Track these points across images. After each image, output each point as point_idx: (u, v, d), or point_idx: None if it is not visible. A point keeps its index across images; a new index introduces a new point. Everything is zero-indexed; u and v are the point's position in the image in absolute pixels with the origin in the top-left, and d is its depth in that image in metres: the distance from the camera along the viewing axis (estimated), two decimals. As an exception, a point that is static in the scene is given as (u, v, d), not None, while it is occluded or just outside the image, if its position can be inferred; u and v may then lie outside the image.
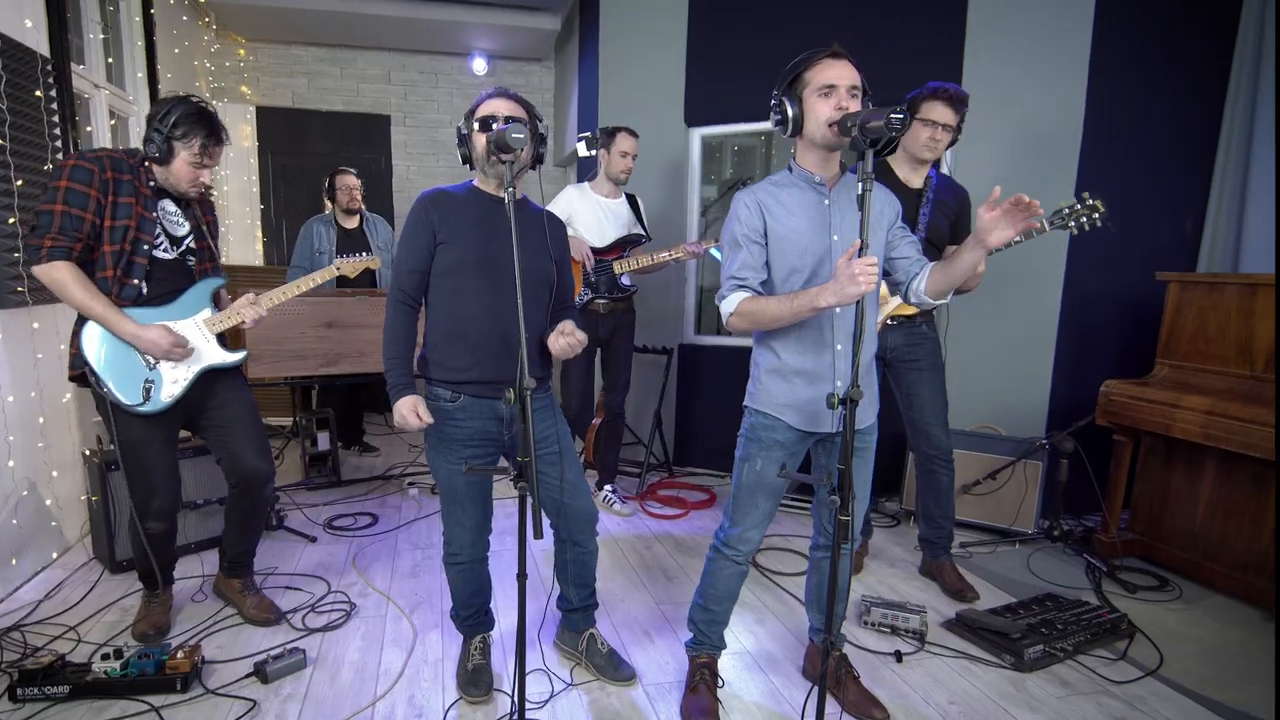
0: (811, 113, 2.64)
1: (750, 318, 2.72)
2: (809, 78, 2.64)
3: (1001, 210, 2.49)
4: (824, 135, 2.61)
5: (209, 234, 3.62)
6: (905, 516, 5.37)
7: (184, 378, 3.40)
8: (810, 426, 2.83)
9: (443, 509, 3.16)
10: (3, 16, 3.94)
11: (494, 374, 2.93)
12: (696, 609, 3.19)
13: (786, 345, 2.80)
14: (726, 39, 6.14)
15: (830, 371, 2.78)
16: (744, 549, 3.00)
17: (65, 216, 3.07)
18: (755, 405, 2.91)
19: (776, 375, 2.84)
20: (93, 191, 3.12)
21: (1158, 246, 5.29)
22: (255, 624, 3.73)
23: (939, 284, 2.74)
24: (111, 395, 3.23)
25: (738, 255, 2.76)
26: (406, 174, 8.99)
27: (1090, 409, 4.70)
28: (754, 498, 2.92)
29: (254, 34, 8.28)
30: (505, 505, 4.93)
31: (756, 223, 2.75)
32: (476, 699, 3.15)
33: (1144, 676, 3.40)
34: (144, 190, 3.28)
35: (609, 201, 5.24)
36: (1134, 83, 5.13)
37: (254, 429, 3.66)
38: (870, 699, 3.08)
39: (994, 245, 2.55)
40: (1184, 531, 4.53)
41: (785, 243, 2.74)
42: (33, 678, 3.01)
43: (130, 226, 3.23)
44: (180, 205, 3.48)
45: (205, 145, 3.26)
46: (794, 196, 2.77)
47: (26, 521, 4.09)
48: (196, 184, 3.36)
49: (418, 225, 2.94)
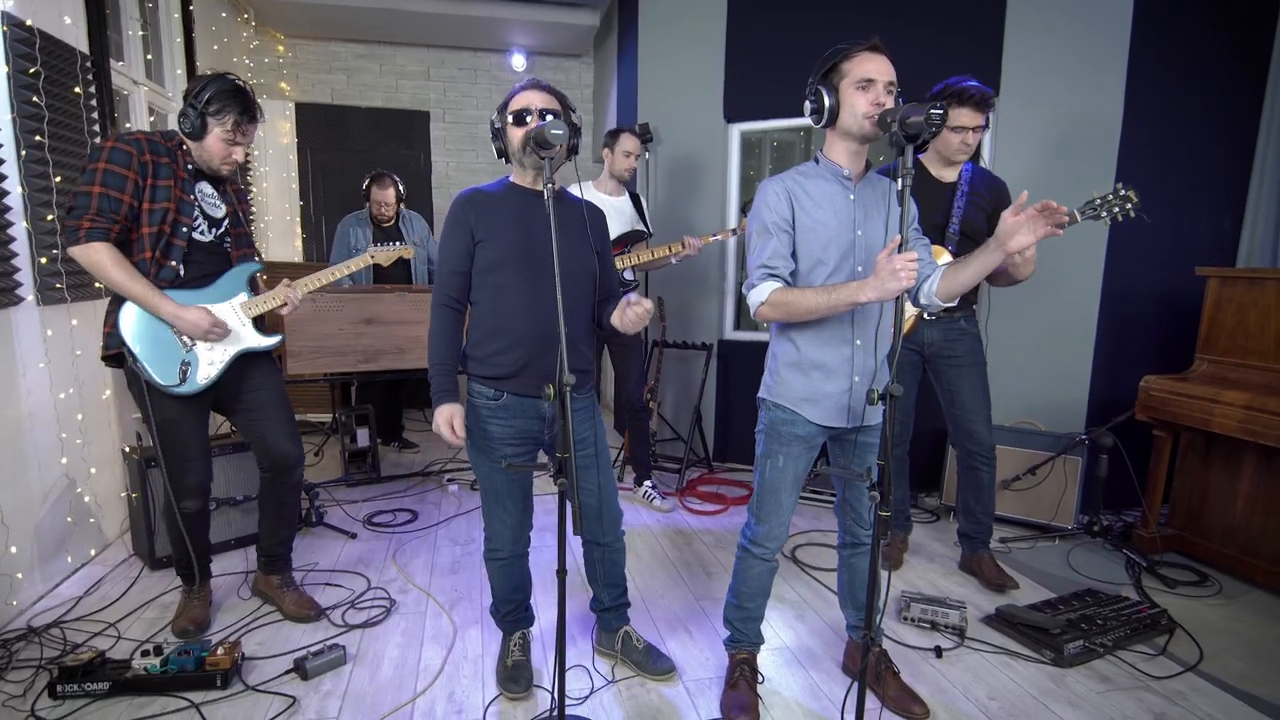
0: (848, 105, 2.62)
1: (783, 308, 2.69)
2: (847, 69, 2.62)
3: (1026, 215, 2.47)
4: (860, 127, 2.60)
5: (244, 219, 3.62)
6: (945, 512, 5.33)
7: (220, 360, 3.41)
8: (827, 421, 2.83)
9: (483, 505, 3.14)
10: (42, 13, 3.95)
11: (536, 370, 2.90)
12: (730, 608, 3.18)
13: (807, 338, 2.79)
14: (766, 34, 6.09)
15: (848, 366, 2.77)
16: (772, 545, 2.99)
17: (103, 198, 3.07)
18: (772, 398, 2.90)
19: (795, 368, 2.83)
20: (130, 174, 3.12)
21: (1197, 242, 5.26)
22: (295, 620, 3.71)
23: (950, 286, 2.69)
24: (147, 375, 3.23)
25: (768, 243, 2.74)
26: (446, 170, 8.99)
27: (1129, 404, 4.67)
28: (777, 494, 2.91)
29: (293, 30, 8.31)
30: (545, 502, 4.91)
31: (785, 210, 2.73)
32: (516, 695, 3.13)
33: (1184, 672, 3.37)
34: (181, 173, 3.29)
35: (612, 199, 5.24)
36: (1172, 78, 5.08)
37: (285, 414, 3.67)
38: (910, 694, 3.07)
39: (1014, 250, 2.52)
40: (1223, 527, 4.49)
41: (811, 234, 2.72)
42: (72, 674, 3.00)
43: (169, 209, 3.23)
44: (216, 187, 3.48)
45: (239, 122, 3.27)
46: (821, 189, 2.75)
47: (66, 518, 4.10)
48: (229, 161, 3.36)
49: (455, 226, 2.93)
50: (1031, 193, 2.53)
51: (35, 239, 3.83)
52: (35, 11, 3.88)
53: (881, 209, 2.78)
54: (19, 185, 3.71)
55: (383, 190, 6.40)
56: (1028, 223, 2.47)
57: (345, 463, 6.02)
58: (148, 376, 3.23)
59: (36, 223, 3.82)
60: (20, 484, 3.73)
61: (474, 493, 5.64)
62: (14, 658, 3.29)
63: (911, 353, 4.12)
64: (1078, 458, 4.89)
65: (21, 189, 3.73)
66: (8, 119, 3.65)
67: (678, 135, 6.57)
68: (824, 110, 2.64)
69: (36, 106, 3.81)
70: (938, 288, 2.71)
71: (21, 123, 3.72)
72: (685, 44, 6.47)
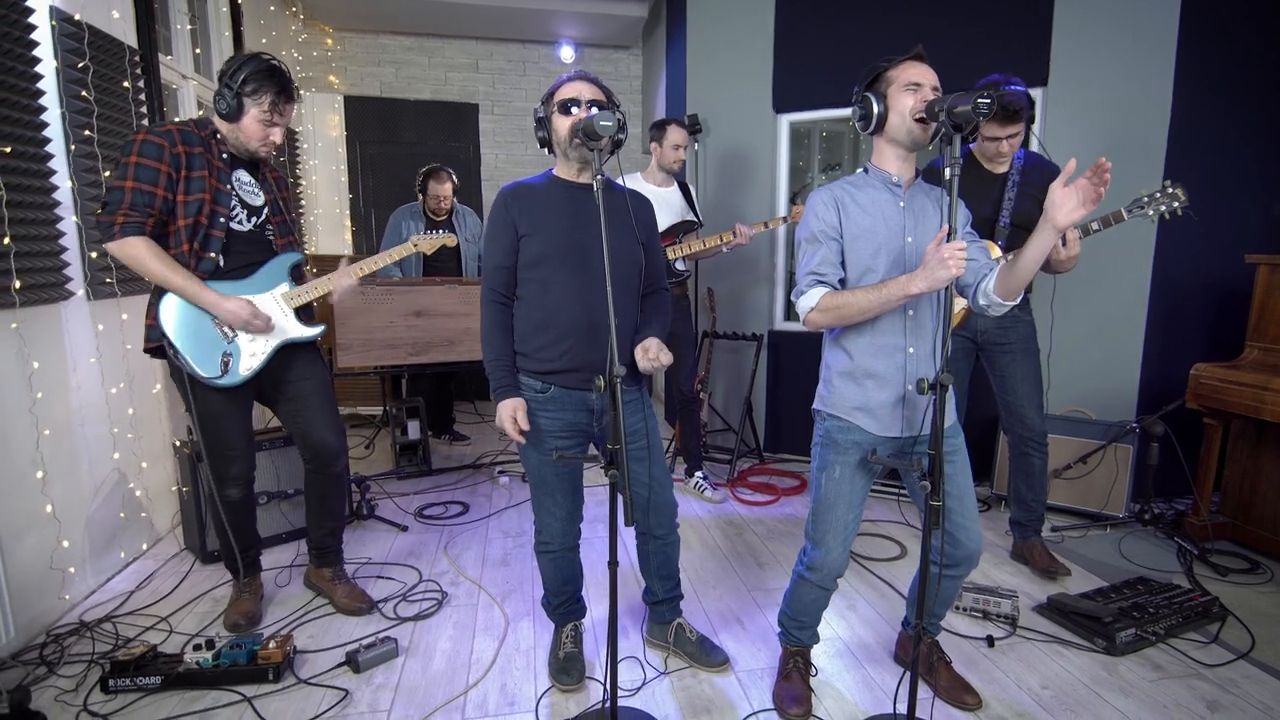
0: (896, 107, 2.61)
1: (835, 312, 2.66)
2: (893, 76, 2.62)
3: (1077, 185, 2.40)
4: (908, 129, 2.59)
5: (284, 206, 3.59)
6: (996, 501, 5.27)
7: (262, 351, 3.39)
8: (883, 431, 2.76)
9: (533, 498, 3.11)
10: (90, 8, 3.97)
11: (583, 363, 2.88)
12: (785, 616, 3.15)
13: (860, 347, 2.75)
14: (815, 24, 6.03)
15: (901, 375, 2.73)
16: (830, 571, 2.88)
17: (136, 193, 3.04)
18: (827, 409, 2.84)
19: (848, 378, 2.78)
20: (163, 167, 3.09)
21: (1246, 229, 5.21)
22: (347, 613, 3.70)
23: (1009, 282, 2.61)
24: (189, 367, 3.21)
25: (817, 251, 2.72)
26: (495, 163, 8.97)
27: (1180, 392, 4.63)
28: (834, 510, 2.82)
29: (341, 23, 8.33)
30: (595, 494, 4.88)
31: (833, 219, 2.71)
32: (569, 687, 3.12)
33: (1236, 660, 3.35)
34: (216, 162, 3.25)
35: (662, 190, 5.19)
36: (1221, 67, 5.02)
37: (327, 405, 3.64)
38: (962, 684, 3.06)
39: (1064, 225, 2.44)
40: (1275, 514, 4.45)
41: (859, 241, 2.70)
42: (125, 668, 3.01)
43: (204, 200, 3.19)
44: (255, 175, 3.45)
45: (275, 102, 3.22)
46: (870, 196, 2.73)
47: (118, 512, 4.13)
48: (267, 143, 3.31)
49: (498, 221, 2.92)
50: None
51: (85, 234, 3.85)
52: (84, 6, 3.90)
53: (934, 216, 2.74)
54: (69, 180, 3.73)
55: (440, 185, 6.39)
56: (1077, 194, 2.40)
57: (396, 455, 6.03)
58: (189, 369, 3.21)
59: (86, 217, 3.83)
60: (72, 479, 3.75)
61: (525, 485, 5.61)
62: (66, 652, 3.31)
63: (965, 340, 4.07)
64: (1129, 446, 4.85)
65: (71, 183, 3.75)
66: (57, 114, 3.66)
67: (727, 126, 6.52)
68: (872, 116, 2.63)
69: (86, 101, 3.83)
70: (994, 285, 2.64)
71: (71, 118, 3.73)
72: (734, 34, 6.42)
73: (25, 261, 3.36)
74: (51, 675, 3.14)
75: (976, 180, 3.90)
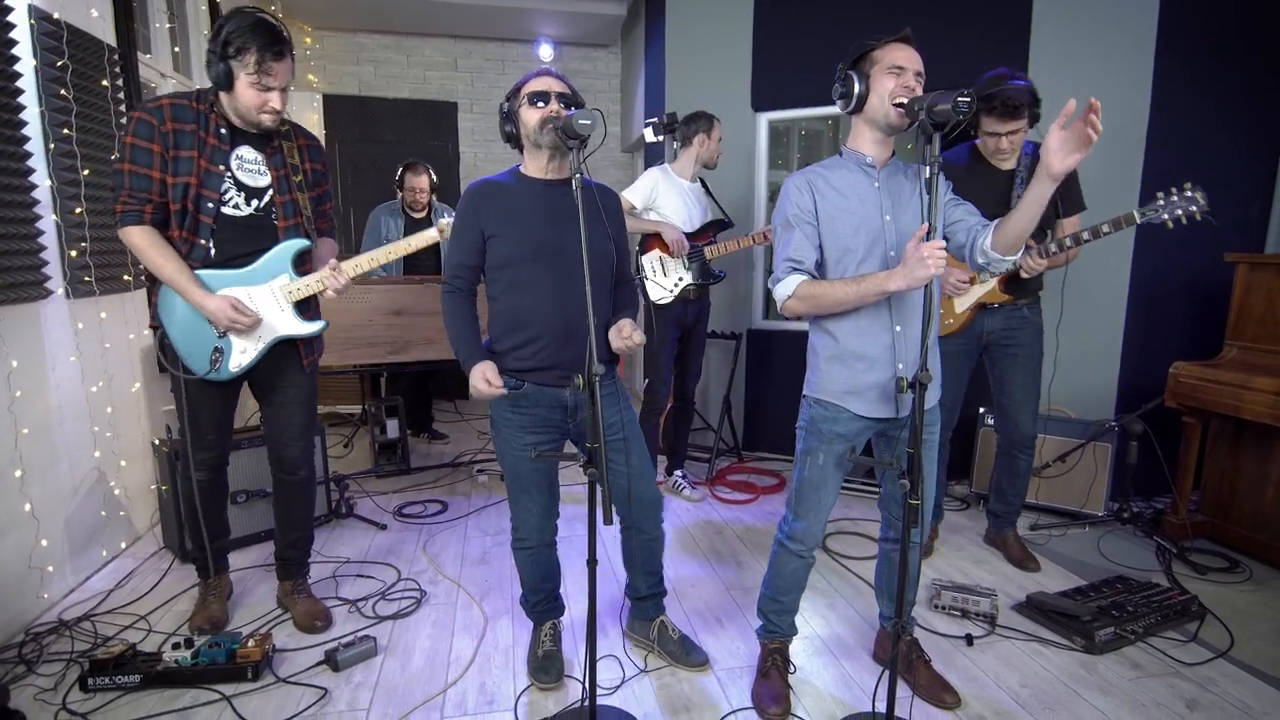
0: (877, 89, 2.61)
1: (811, 301, 2.69)
2: (878, 57, 2.61)
3: (1074, 129, 2.37)
4: (886, 113, 2.59)
5: (307, 183, 3.36)
6: (975, 500, 5.28)
7: (254, 348, 3.26)
8: (874, 412, 2.78)
9: (509, 495, 3.14)
10: (69, 6, 3.96)
11: (558, 361, 2.89)
12: (765, 600, 3.16)
13: (845, 329, 2.76)
14: (794, 22, 6.06)
15: (890, 354, 2.74)
16: (809, 542, 2.96)
17: (132, 176, 2.95)
18: (816, 394, 2.85)
19: (836, 361, 2.79)
20: (155, 146, 2.96)
21: (1225, 228, 5.16)
22: (302, 630, 3.57)
23: (1006, 236, 2.61)
24: (179, 358, 3.18)
25: (791, 237, 2.74)
26: (474, 161, 8.97)
27: (1159, 391, 4.65)
28: (817, 492, 2.88)
29: (320, 22, 8.30)
30: (574, 491, 4.89)
31: (807, 203, 2.72)
32: (547, 685, 3.13)
33: (1215, 658, 3.37)
34: (210, 139, 3.06)
35: (691, 185, 5.18)
36: (1200, 63, 5.03)
37: (303, 418, 3.55)
38: (941, 683, 3.07)
39: (1059, 171, 2.43)
40: (1254, 513, 4.48)
41: (835, 222, 2.71)
42: (104, 667, 3.01)
43: (190, 184, 3.03)
44: (263, 151, 3.22)
45: (261, 60, 2.92)
46: (843, 178, 2.74)
47: (97, 511, 4.12)
48: (268, 110, 3.04)
49: (465, 219, 2.91)
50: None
51: (65, 232, 3.84)
52: (62, 5, 3.89)
53: (913, 194, 2.74)
54: (48, 179, 3.73)
55: (417, 177, 6.40)
56: (1073, 137, 2.39)
57: (375, 454, 6.02)
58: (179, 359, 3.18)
59: (65, 216, 3.83)
60: (51, 478, 3.74)
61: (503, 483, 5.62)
62: (45, 651, 3.30)
63: (967, 341, 4.10)
64: (1108, 445, 4.88)
65: (50, 182, 3.74)
66: (36, 112, 3.65)
67: (706, 124, 6.50)
68: (853, 95, 2.63)
69: (65, 100, 3.82)
70: (991, 241, 2.65)
71: (50, 116, 3.73)
72: (713, 33, 6.45)
73: (3, 260, 3.34)
74: (30, 674, 3.13)
75: (983, 178, 3.90)
